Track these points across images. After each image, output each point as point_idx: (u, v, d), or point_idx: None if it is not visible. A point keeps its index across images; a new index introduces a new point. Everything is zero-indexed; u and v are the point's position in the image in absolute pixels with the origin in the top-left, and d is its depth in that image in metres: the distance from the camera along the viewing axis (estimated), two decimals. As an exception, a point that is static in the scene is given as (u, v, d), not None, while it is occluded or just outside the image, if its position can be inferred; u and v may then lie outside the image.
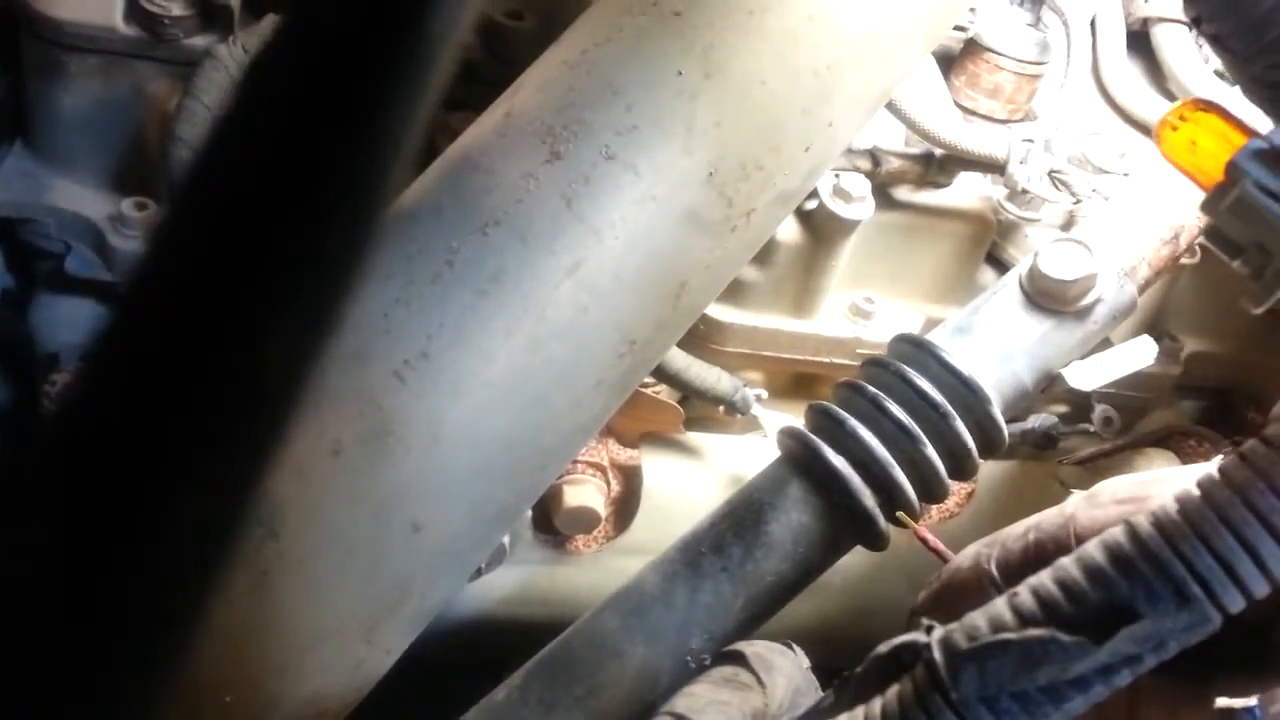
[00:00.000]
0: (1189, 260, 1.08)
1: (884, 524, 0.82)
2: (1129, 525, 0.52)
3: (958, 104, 1.18)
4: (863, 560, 0.90)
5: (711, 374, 1.06)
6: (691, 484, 1.12)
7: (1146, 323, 1.19)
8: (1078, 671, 0.50)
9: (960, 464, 0.84)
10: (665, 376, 1.05)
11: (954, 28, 1.16)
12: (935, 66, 1.19)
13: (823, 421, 0.83)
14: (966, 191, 1.12)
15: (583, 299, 0.70)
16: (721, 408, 1.09)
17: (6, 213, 1.02)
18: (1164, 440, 1.21)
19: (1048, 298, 0.88)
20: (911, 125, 1.06)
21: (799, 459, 0.82)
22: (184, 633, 0.28)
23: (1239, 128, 0.52)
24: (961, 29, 1.17)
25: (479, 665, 0.83)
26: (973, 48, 1.17)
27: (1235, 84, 0.58)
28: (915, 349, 0.85)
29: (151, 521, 0.26)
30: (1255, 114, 0.57)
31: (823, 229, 1.04)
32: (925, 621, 0.55)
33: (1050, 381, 0.90)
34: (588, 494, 1.08)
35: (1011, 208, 1.10)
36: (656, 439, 1.14)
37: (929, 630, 0.55)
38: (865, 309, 1.10)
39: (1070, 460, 1.21)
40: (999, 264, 1.17)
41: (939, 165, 1.09)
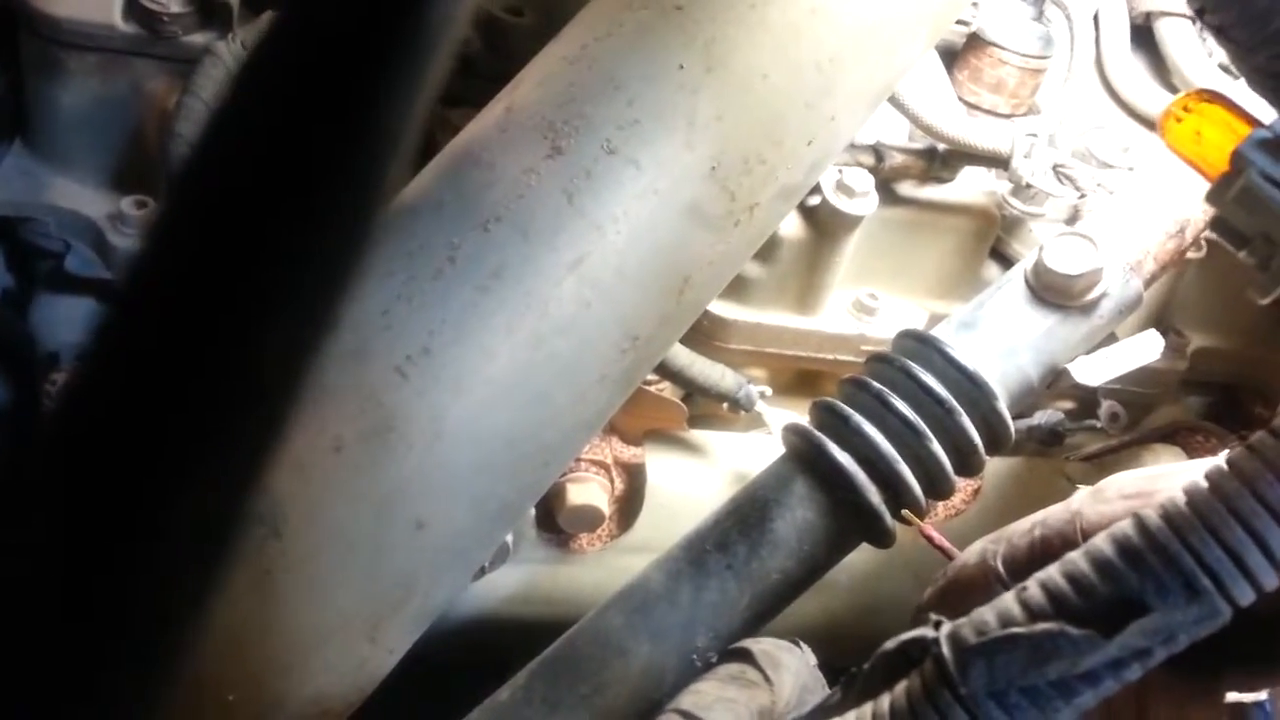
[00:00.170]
0: (1195, 254, 1.07)
1: (890, 521, 0.81)
2: (1137, 518, 0.51)
3: (961, 99, 1.18)
4: (869, 558, 0.89)
5: (715, 371, 1.06)
6: (695, 482, 1.12)
7: (1152, 317, 1.18)
8: (1087, 665, 0.49)
9: (966, 460, 0.83)
10: (669, 374, 1.05)
11: (957, 22, 1.16)
12: (938, 61, 1.18)
13: (828, 418, 0.83)
14: (970, 186, 1.12)
15: (585, 294, 0.69)
16: (725, 405, 1.08)
17: (6, 211, 1.01)
18: (1171, 436, 1.20)
19: (1053, 292, 0.88)
20: (915, 120, 1.06)
21: (804, 456, 0.82)
22: (184, 632, 0.27)
23: (1244, 118, 0.52)
24: (964, 23, 1.17)
25: (483, 664, 0.82)
26: (976, 42, 1.16)
27: (1239, 75, 0.58)
28: (920, 345, 0.85)
29: (150, 520, 0.25)
30: (1260, 104, 0.56)
31: (826, 225, 1.03)
32: (933, 617, 0.55)
33: (1056, 377, 0.90)
34: (591, 492, 1.08)
35: (1015, 202, 1.09)
36: (660, 437, 1.13)
37: (937, 625, 0.54)
38: (869, 305, 1.10)
39: (1077, 456, 1.20)
40: (1003, 259, 1.17)
41: (942, 160, 1.09)
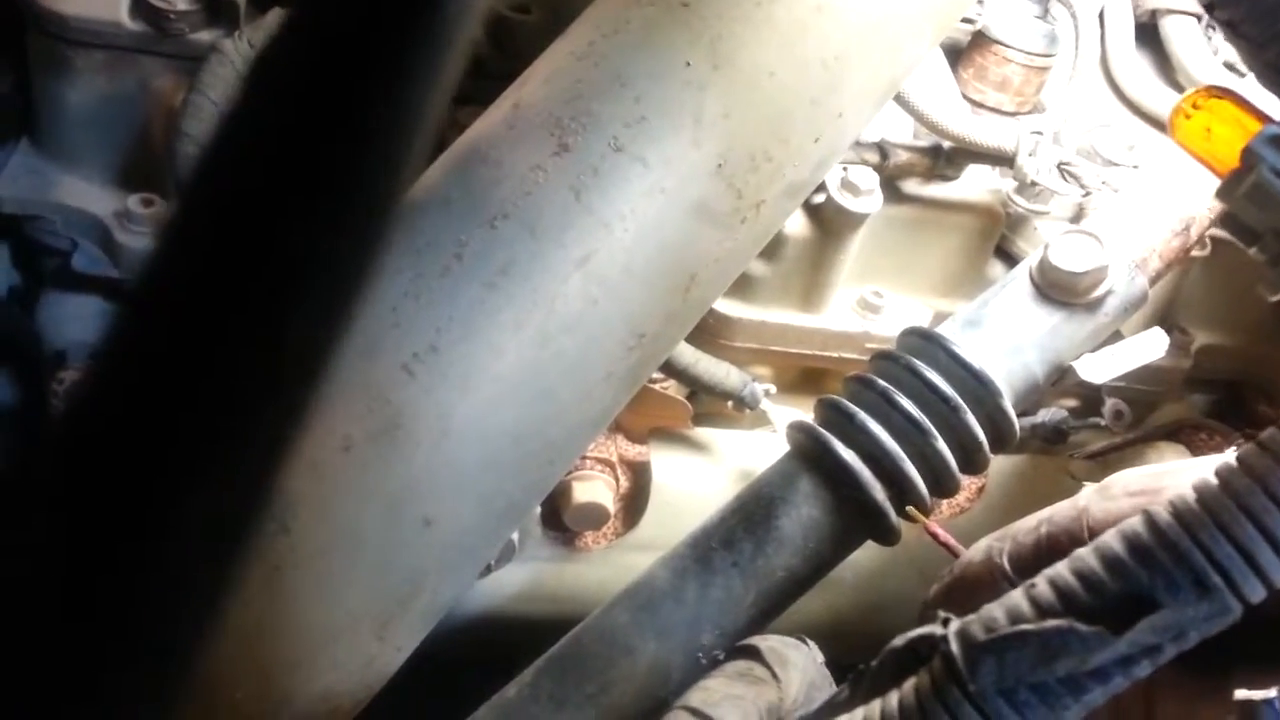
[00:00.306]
0: (1200, 252, 1.07)
1: (895, 518, 0.81)
2: (1148, 515, 0.51)
3: (966, 97, 1.18)
4: (874, 555, 0.89)
5: (720, 369, 1.06)
6: (701, 479, 1.12)
7: (1157, 315, 1.18)
8: (1097, 662, 0.49)
9: (971, 457, 0.83)
10: (674, 372, 1.05)
11: (962, 20, 1.16)
12: (943, 59, 1.18)
13: (832, 415, 0.83)
14: (975, 184, 1.12)
15: (592, 291, 0.69)
16: (730, 403, 1.08)
17: (13, 209, 1.01)
18: (1175, 434, 1.20)
19: (1058, 290, 0.88)
20: (920, 118, 1.06)
21: (809, 453, 0.82)
22: (195, 632, 0.27)
23: (1254, 114, 0.52)
24: (969, 21, 1.17)
25: (489, 662, 0.82)
26: (981, 40, 1.16)
27: (1248, 72, 0.58)
28: (925, 342, 0.85)
29: (160, 519, 0.25)
30: (1270, 100, 0.56)
31: (831, 223, 1.03)
32: (942, 614, 0.55)
33: (1061, 374, 0.90)
34: (596, 490, 1.08)
35: (1020, 200, 1.09)
36: (665, 434, 1.14)
37: (945, 622, 0.54)
38: (874, 303, 1.10)
39: (1081, 454, 1.20)
40: (1008, 257, 1.17)
41: (947, 158, 1.09)
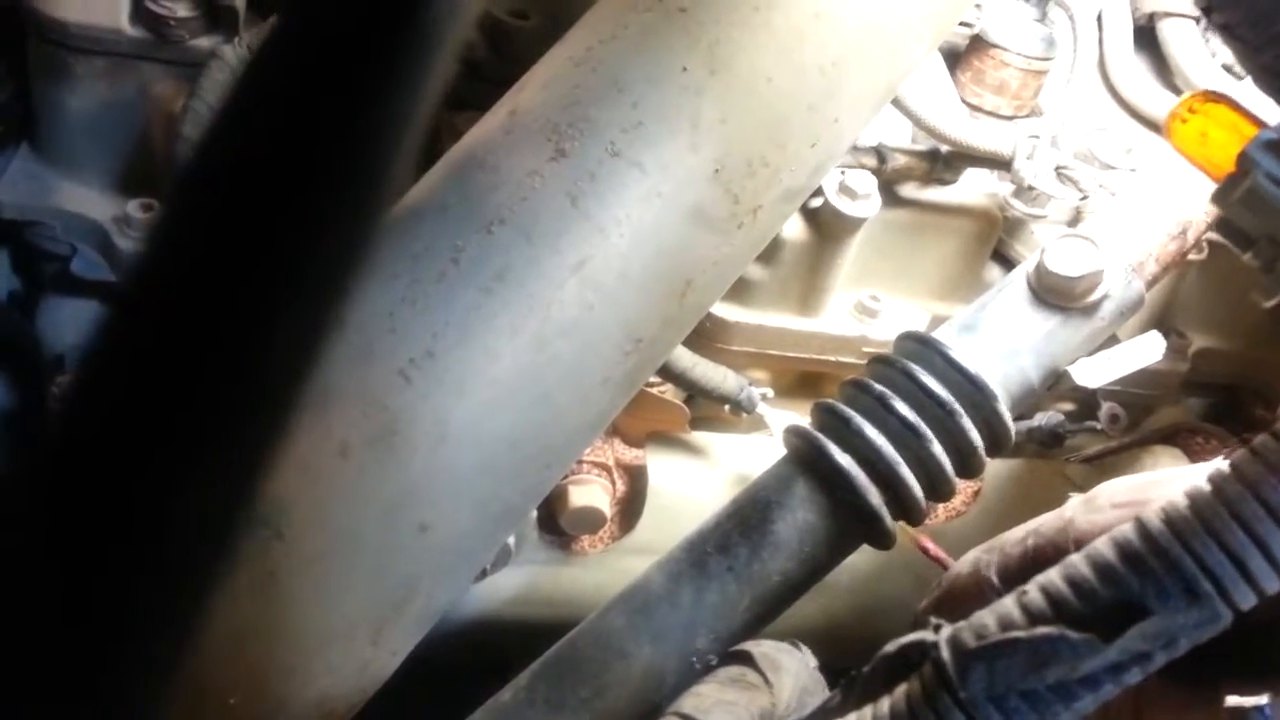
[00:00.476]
0: (1196, 256, 1.07)
1: (890, 522, 0.81)
2: (1139, 521, 0.51)
3: (964, 100, 1.18)
4: (870, 559, 0.89)
5: (717, 373, 1.06)
6: (697, 483, 1.12)
7: (1154, 319, 1.18)
8: (1087, 670, 0.49)
9: (967, 462, 0.83)
10: (671, 375, 1.05)
11: (960, 24, 1.16)
12: (941, 63, 1.19)
13: (829, 420, 0.83)
14: (973, 188, 1.12)
15: (588, 297, 0.69)
16: (727, 407, 1.09)
17: (13, 215, 1.02)
18: (1171, 438, 1.20)
19: (1054, 294, 0.88)
20: (917, 122, 1.06)
21: (805, 457, 0.82)
22: (184, 631, 0.27)
23: (1250, 119, 0.52)
24: (967, 25, 1.17)
25: (485, 666, 0.82)
26: (978, 44, 1.17)
27: (1246, 75, 0.58)
28: (921, 346, 0.85)
29: (149, 521, 0.26)
30: (1267, 105, 0.56)
31: (828, 227, 1.03)
32: (933, 620, 0.55)
33: (1057, 379, 0.90)
34: (593, 494, 1.08)
35: (1018, 204, 1.09)
36: (662, 438, 1.14)
37: (937, 629, 0.54)
38: (871, 307, 1.10)
39: (1077, 458, 1.20)
40: (1006, 261, 1.17)
41: (945, 162, 1.09)
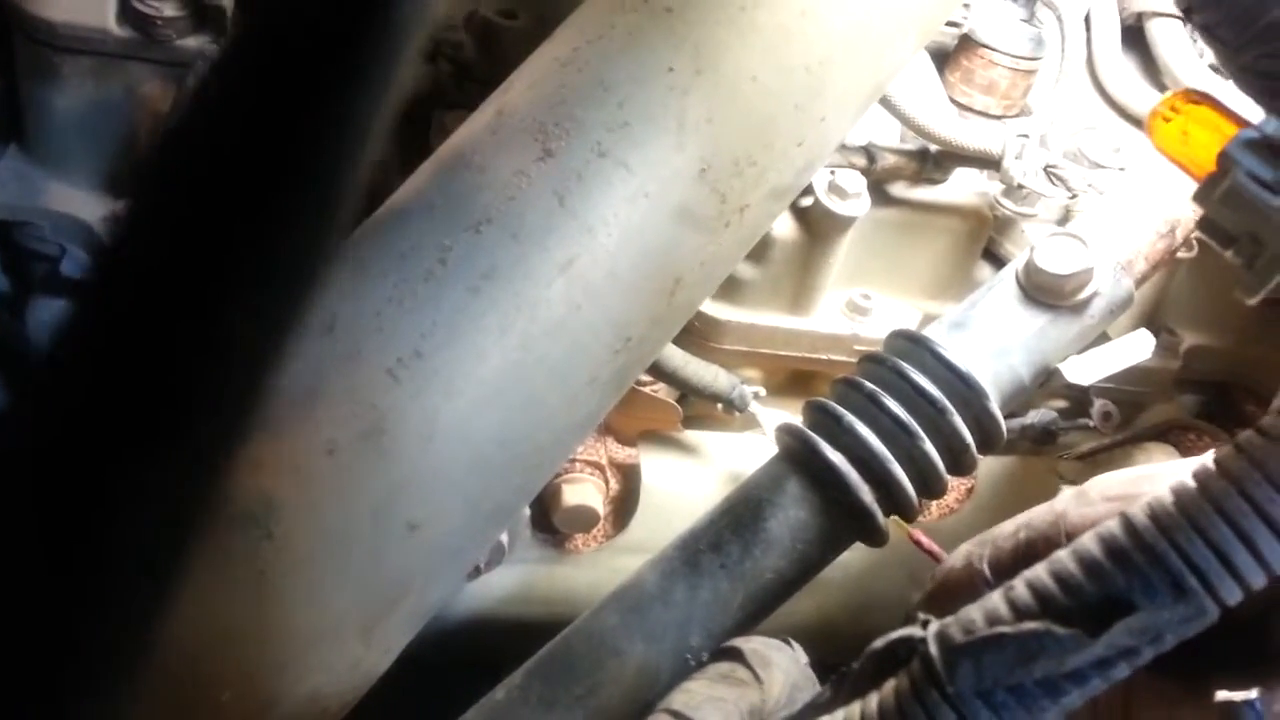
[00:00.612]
0: (1186, 254, 1.07)
1: (883, 520, 0.81)
2: (1124, 517, 0.52)
3: (953, 100, 1.18)
4: (862, 557, 0.89)
5: (709, 372, 1.06)
6: (690, 482, 1.12)
7: (1145, 317, 1.19)
8: (1074, 665, 0.50)
9: (959, 459, 0.83)
10: (663, 374, 1.05)
11: (948, 24, 1.16)
12: (930, 63, 1.19)
13: (820, 418, 0.83)
14: (962, 187, 1.12)
15: (576, 296, 0.69)
16: (719, 405, 1.09)
17: (1, 215, 1.02)
18: (1164, 435, 1.21)
19: (1044, 292, 0.88)
20: (906, 121, 1.06)
21: (797, 456, 0.82)
22: (152, 607, 0.29)
23: (1231, 118, 0.52)
24: (956, 25, 1.17)
25: (478, 664, 0.83)
26: (967, 44, 1.17)
27: (1227, 75, 0.58)
28: (912, 345, 0.85)
29: (113, 502, 0.27)
30: (1248, 104, 0.57)
31: (819, 226, 1.04)
32: (921, 616, 0.55)
33: (1049, 376, 0.90)
34: (586, 493, 1.08)
35: (1007, 203, 1.10)
36: (655, 437, 1.14)
37: (925, 625, 0.54)
38: (862, 306, 1.10)
39: (1070, 455, 1.21)
40: (996, 260, 1.17)
41: (934, 161, 1.09)
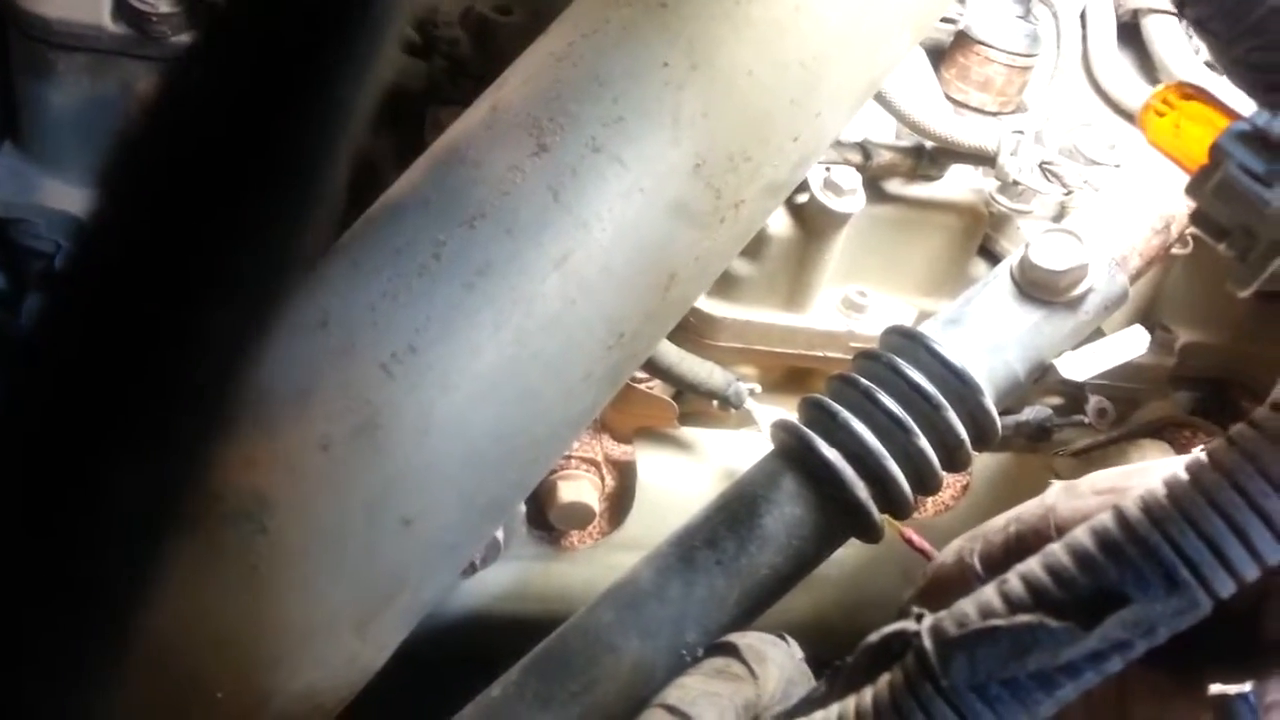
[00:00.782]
0: (1181, 250, 1.07)
1: (878, 516, 0.81)
2: (1117, 510, 0.52)
3: (948, 97, 1.18)
4: (858, 553, 0.90)
5: (704, 368, 1.06)
6: (686, 479, 1.12)
7: (1140, 313, 1.19)
8: (1068, 658, 0.50)
9: (953, 455, 0.83)
10: (658, 371, 1.05)
11: (944, 20, 1.16)
12: (925, 59, 1.19)
13: (815, 414, 0.83)
14: (958, 184, 1.12)
15: (570, 291, 0.69)
16: (715, 402, 1.09)
17: (-4, 213, 1.02)
18: (1159, 431, 1.21)
19: (1039, 288, 0.88)
20: (902, 118, 1.06)
21: (792, 452, 0.82)
22: (131, 592, 0.30)
23: (1223, 111, 0.52)
24: (951, 21, 1.17)
25: (474, 661, 0.82)
26: (963, 40, 1.17)
27: (1220, 68, 0.58)
28: (907, 341, 0.85)
29: (92, 489, 0.29)
30: (1241, 98, 0.57)
31: (814, 222, 1.04)
32: (915, 610, 0.55)
33: (1042, 372, 0.90)
34: (582, 489, 1.08)
35: (1003, 200, 1.10)
36: (650, 434, 1.14)
37: (919, 618, 0.54)
38: (858, 302, 1.10)
39: (1065, 452, 1.21)
40: (991, 256, 1.17)
41: (930, 158, 1.09)
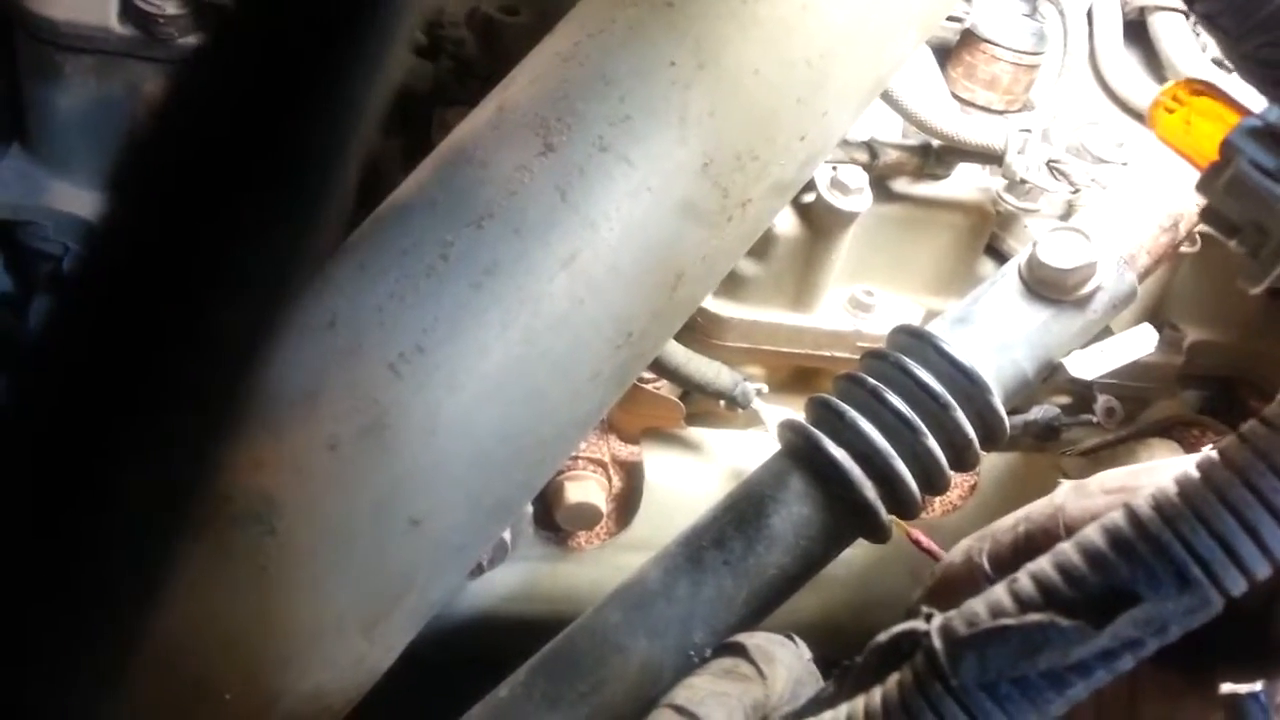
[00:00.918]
0: (1189, 248, 1.07)
1: (885, 516, 0.81)
2: (1128, 508, 0.51)
3: (955, 95, 1.18)
4: (866, 553, 0.89)
5: (711, 368, 1.06)
6: (693, 479, 1.12)
7: (1148, 312, 1.18)
8: (1078, 656, 0.49)
9: (961, 455, 0.83)
10: (665, 371, 1.05)
11: (950, 19, 1.16)
12: (932, 58, 1.19)
13: (823, 414, 0.83)
14: (965, 183, 1.12)
15: (578, 291, 0.69)
16: (722, 402, 1.08)
17: (4, 215, 1.02)
18: (1167, 430, 1.20)
19: (1047, 287, 0.88)
20: (909, 117, 1.06)
21: (800, 452, 0.82)
22: (141, 594, 0.30)
23: (1233, 107, 0.52)
24: (958, 20, 1.17)
25: (482, 662, 0.82)
26: (969, 39, 1.16)
27: (1230, 64, 0.58)
28: (915, 340, 0.85)
29: (102, 489, 0.28)
30: (1250, 93, 0.57)
31: (821, 222, 1.03)
32: (925, 609, 0.55)
33: (1052, 372, 0.90)
34: (589, 490, 1.08)
35: (1010, 198, 1.09)
36: (658, 434, 1.14)
37: (928, 618, 0.54)
38: (865, 302, 1.10)
39: (1073, 451, 1.20)
40: (999, 255, 1.17)
41: (937, 157, 1.09)
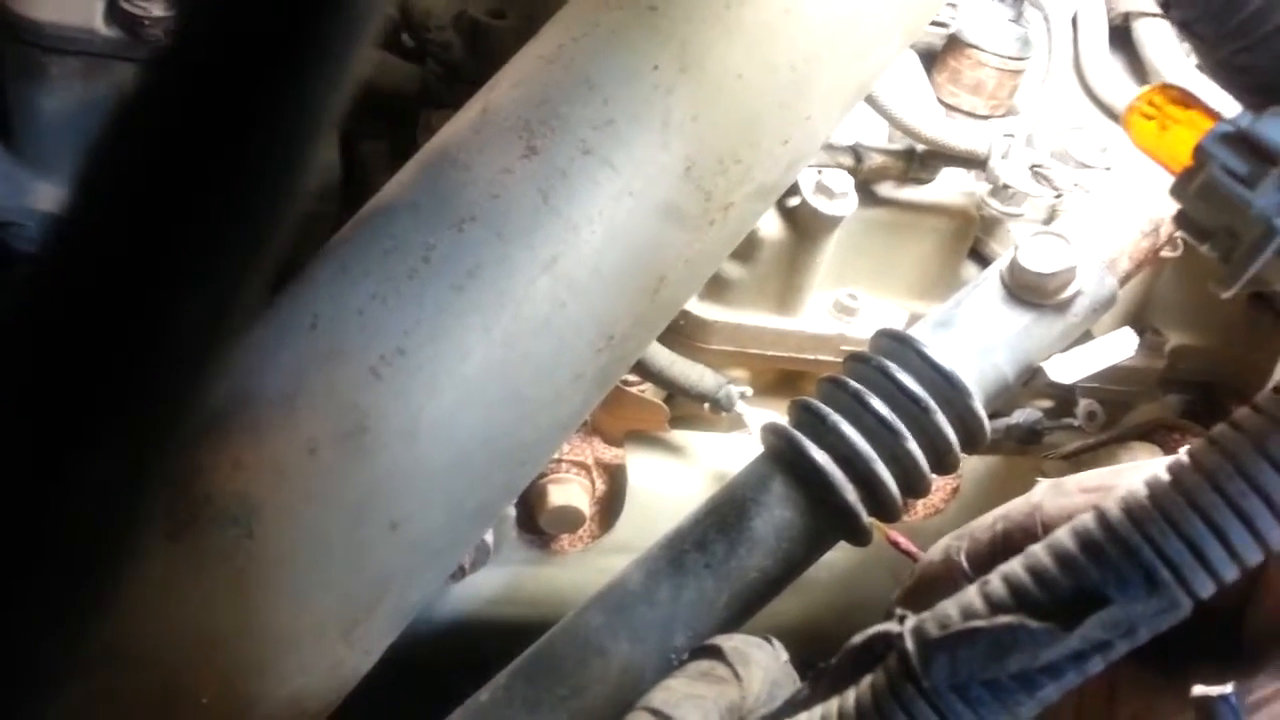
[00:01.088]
0: (1171, 253, 1.08)
1: (867, 519, 0.82)
2: (1098, 510, 0.52)
3: (940, 100, 1.18)
4: (847, 556, 0.90)
5: (695, 371, 1.06)
6: (676, 482, 1.12)
7: (1130, 316, 1.19)
8: (1048, 659, 0.50)
9: (942, 458, 0.84)
10: (649, 374, 1.05)
11: (935, 24, 1.16)
12: (918, 63, 1.19)
13: (805, 417, 0.83)
14: (949, 187, 1.12)
15: (560, 294, 0.70)
16: (706, 405, 1.09)
17: (-12, 215, 1.01)
18: (1149, 435, 1.21)
19: (1028, 291, 0.88)
20: (894, 121, 1.06)
21: (782, 455, 0.82)
22: (96, 585, 0.31)
23: (1206, 113, 0.52)
24: (943, 25, 1.17)
25: (464, 665, 0.83)
26: (954, 44, 1.17)
27: (1206, 70, 0.58)
28: (897, 343, 0.85)
29: (61, 481, 0.29)
30: (1228, 100, 0.57)
31: (805, 226, 1.04)
32: (898, 611, 0.55)
33: (1031, 375, 0.90)
34: (572, 493, 1.08)
35: (994, 203, 1.10)
36: (641, 437, 1.14)
37: (901, 620, 0.55)
38: (849, 305, 1.10)
39: (1055, 455, 1.21)
40: (982, 259, 1.17)
41: (921, 161, 1.09)
